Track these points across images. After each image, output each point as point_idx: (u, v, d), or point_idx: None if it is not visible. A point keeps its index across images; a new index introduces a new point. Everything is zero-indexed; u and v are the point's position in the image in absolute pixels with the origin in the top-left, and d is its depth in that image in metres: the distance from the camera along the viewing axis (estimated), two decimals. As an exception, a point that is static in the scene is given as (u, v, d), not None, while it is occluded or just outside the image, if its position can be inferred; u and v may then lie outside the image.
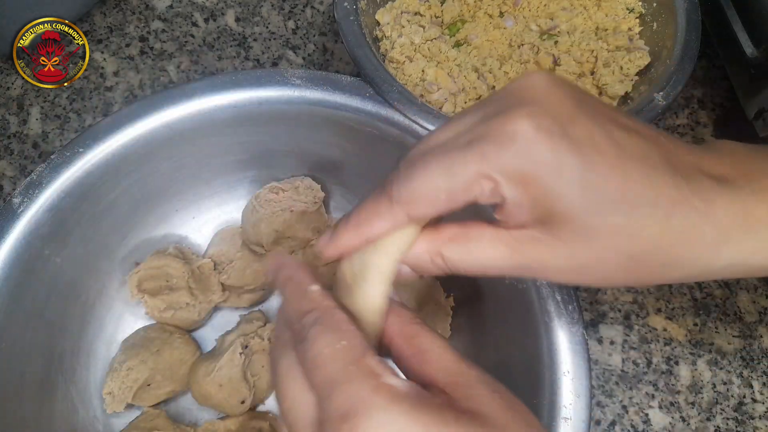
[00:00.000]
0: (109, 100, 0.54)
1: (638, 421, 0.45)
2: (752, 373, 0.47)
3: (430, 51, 0.44)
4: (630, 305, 0.49)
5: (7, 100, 0.53)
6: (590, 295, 0.49)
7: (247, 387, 0.41)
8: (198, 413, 0.44)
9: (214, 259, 0.46)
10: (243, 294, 0.46)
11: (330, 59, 0.56)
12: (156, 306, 0.43)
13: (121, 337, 0.45)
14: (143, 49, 0.56)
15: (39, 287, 0.38)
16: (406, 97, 0.38)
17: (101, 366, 0.44)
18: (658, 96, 0.41)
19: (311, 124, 0.41)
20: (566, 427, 0.33)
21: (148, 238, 0.46)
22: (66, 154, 0.38)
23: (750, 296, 0.49)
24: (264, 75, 0.40)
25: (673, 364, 0.47)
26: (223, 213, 0.49)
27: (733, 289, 0.49)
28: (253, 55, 0.56)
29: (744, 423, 0.45)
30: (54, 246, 0.38)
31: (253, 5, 0.58)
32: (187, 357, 0.43)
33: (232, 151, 0.44)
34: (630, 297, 0.49)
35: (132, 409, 0.42)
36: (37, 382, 0.39)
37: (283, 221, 0.43)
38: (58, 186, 0.38)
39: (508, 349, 0.39)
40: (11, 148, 0.52)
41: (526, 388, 0.35)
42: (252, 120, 0.41)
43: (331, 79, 0.40)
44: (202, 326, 0.47)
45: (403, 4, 0.46)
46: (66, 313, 0.41)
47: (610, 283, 0.24)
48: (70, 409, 0.41)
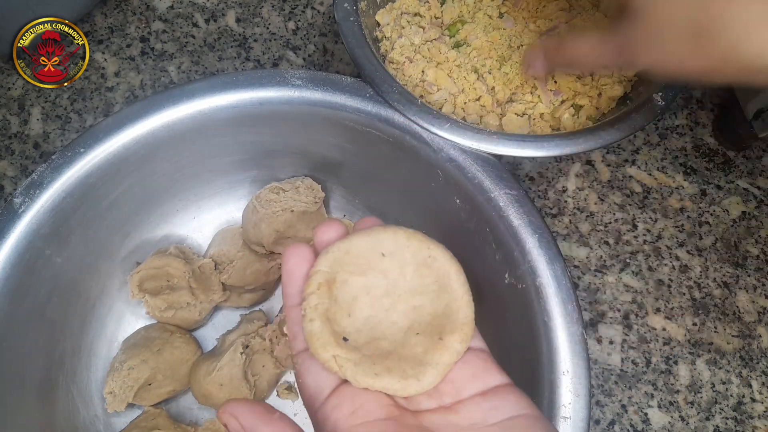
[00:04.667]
0: (110, 101, 0.54)
1: (637, 421, 0.46)
2: (751, 373, 0.47)
3: (429, 52, 0.44)
4: (629, 305, 0.49)
5: (8, 100, 0.53)
6: (589, 294, 0.49)
7: (248, 386, 0.41)
8: (199, 412, 0.45)
9: (215, 258, 0.46)
10: (244, 294, 0.46)
11: (330, 60, 0.56)
12: (157, 306, 0.43)
13: (122, 336, 0.45)
14: (144, 49, 0.56)
15: (40, 287, 0.38)
16: (407, 98, 0.38)
17: (102, 365, 0.44)
18: (657, 96, 0.41)
19: (312, 124, 0.41)
20: (565, 426, 0.33)
21: (149, 238, 0.46)
22: (67, 154, 0.38)
23: (749, 296, 0.49)
24: (265, 75, 0.40)
25: (672, 363, 0.47)
26: (224, 213, 0.49)
27: (732, 288, 0.50)
28: (254, 56, 0.56)
29: (743, 422, 0.46)
30: (55, 246, 0.38)
31: (253, 6, 0.58)
32: (187, 356, 0.43)
33: (233, 152, 0.45)
34: (629, 297, 0.49)
35: (133, 408, 0.43)
36: (38, 382, 0.39)
37: (284, 221, 0.43)
38: (60, 186, 0.38)
39: (508, 349, 0.39)
40: (12, 149, 0.52)
41: (526, 388, 0.35)
42: (253, 120, 0.41)
43: (331, 80, 0.40)
44: (203, 326, 0.47)
45: (403, 5, 0.46)
46: (67, 313, 0.41)
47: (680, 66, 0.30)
48: (71, 408, 0.41)
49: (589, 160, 0.54)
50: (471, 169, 0.38)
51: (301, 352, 0.25)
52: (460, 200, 0.39)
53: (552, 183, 0.53)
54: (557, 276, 0.35)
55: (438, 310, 0.25)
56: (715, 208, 0.52)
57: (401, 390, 0.23)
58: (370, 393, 0.23)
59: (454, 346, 0.24)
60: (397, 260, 0.26)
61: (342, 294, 0.25)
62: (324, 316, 0.24)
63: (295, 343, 0.26)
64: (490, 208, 0.37)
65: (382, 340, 0.24)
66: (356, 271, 0.25)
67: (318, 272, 0.25)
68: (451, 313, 0.25)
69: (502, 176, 0.37)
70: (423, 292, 0.25)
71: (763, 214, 0.52)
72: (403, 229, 0.26)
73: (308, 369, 0.25)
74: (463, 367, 0.24)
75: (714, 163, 0.54)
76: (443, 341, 0.24)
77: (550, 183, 0.53)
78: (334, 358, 0.23)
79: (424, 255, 0.26)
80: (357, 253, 0.25)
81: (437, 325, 0.25)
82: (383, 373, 0.23)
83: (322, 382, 0.24)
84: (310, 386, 0.24)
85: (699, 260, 0.50)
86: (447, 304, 0.25)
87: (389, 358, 0.24)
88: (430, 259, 0.26)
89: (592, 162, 0.54)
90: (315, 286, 0.24)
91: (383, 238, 0.26)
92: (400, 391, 0.23)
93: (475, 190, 0.38)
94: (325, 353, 0.23)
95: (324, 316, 0.24)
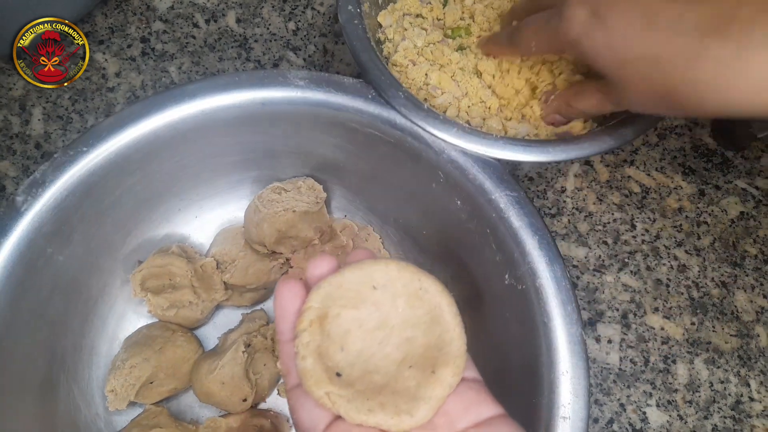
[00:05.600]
0: (111, 101, 0.54)
1: (636, 420, 0.46)
2: (749, 372, 0.47)
3: (433, 54, 0.44)
4: (627, 304, 0.49)
5: (9, 100, 0.53)
6: (588, 294, 0.49)
7: (249, 385, 0.42)
8: (200, 411, 0.45)
9: (217, 258, 0.46)
10: (245, 293, 0.46)
11: (330, 60, 0.57)
12: (159, 304, 0.43)
13: (124, 335, 0.45)
14: (144, 50, 0.56)
15: (42, 285, 0.39)
16: (413, 102, 0.38)
17: (103, 364, 0.44)
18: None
19: (313, 124, 0.41)
20: (565, 426, 0.33)
21: (150, 236, 0.46)
22: (69, 152, 0.38)
23: (747, 295, 0.50)
24: (267, 76, 0.40)
25: (671, 362, 0.48)
26: (226, 213, 0.49)
27: (730, 288, 0.50)
28: (254, 57, 0.56)
29: (741, 421, 0.46)
30: (57, 244, 0.39)
31: (253, 6, 0.58)
32: (189, 355, 0.43)
33: (235, 152, 0.45)
34: (627, 296, 0.49)
35: (134, 406, 0.43)
36: (40, 380, 0.39)
37: (286, 221, 0.43)
38: (62, 185, 0.38)
39: (508, 349, 0.40)
40: (14, 149, 0.52)
41: (525, 388, 0.36)
42: (254, 121, 0.41)
43: (333, 81, 0.40)
44: (205, 324, 0.47)
45: (405, 6, 0.46)
46: (69, 311, 0.42)
47: (654, 111, 0.33)
48: (73, 406, 0.41)
49: (587, 160, 0.54)
50: (472, 170, 0.38)
51: (294, 387, 0.26)
52: (460, 201, 0.39)
53: (551, 183, 0.53)
54: (557, 277, 0.36)
55: (431, 341, 0.25)
56: (713, 208, 0.53)
57: (394, 426, 0.23)
58: (364, 429, 0.23)
59: (446, 380, 0.24)
60: (389, 293, 0.26)
61: (334, 328, 0.25)
62: (316, 353, 0.24)
63: (288, 379, 0.26)
64: (491, 209, 0.38)
65: (375, 373, 0.25)
66: (348, 305, 0.25)
67: (310, 308, 0.25)
68: (443, 344, 0.25)
69: (503, 178, 0.38)
70: (415, 324, 0.26)
71: (761, 214, 0.53)
72: (394, 262, 0.26)
73: (302, 405, 0.25)
74: (456, 399, 0.25)
75: (712, 163, 0.54)
76: (436, 374, 0.24)
77: (549, 183, 0.53)
78: (327, 395, 0.24)
79: (415, 287, 0.26)
80: (349, 287, 0.26)
81: (430, 357, 0.25)
82: (376, 409, 0.23)
83: (316, 418, 0.24)
84: (304, 422, 0.25)
85: (697, 260, 0.51)
86: (439, 336, 0.25)
87: (382, 392, 0.24)
88: (422, 291, 0.26)
89: (590, 162, 0.54)
90: (307, 323, 0.25)
91: (374, 271, 0.26)
92: (394, 427, 0.23)
93: (475, 192, 0.38)
94: (318, 390, 0.24)
95: (316, 353, 0.24)
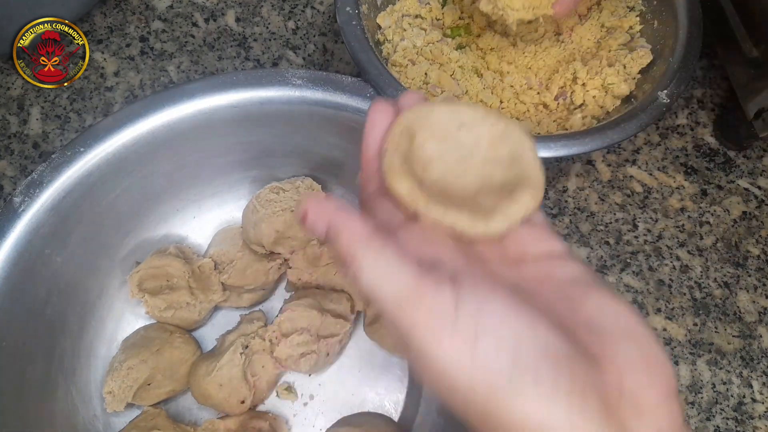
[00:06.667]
0: (110, 100, 0.54)
1: (638, 421, 0.45)
2: (752, 373, 0.47)
3: (432, 53, 0.44)
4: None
5: (8, 100, 0.53)
6: (590, 295, 0.49)
7: (247, 387, 0.41)
8: (198, 413, 0.44)
9: (215, 258, 0.46)
10: (243, 294, 0.46)
11: (330, 59, 0.56)
12: (156, 305, 0.43)
13: (122, 336, 0.45)
14: (143, 49, 0.56)
15: (40, 286, 0.38)
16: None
17: (101, 365, 0.44)
18: (662, 94, 0.41)
19: (312, 124, 0.41)
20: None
21: (148, 237, 0.46)
22: (67, 153, 0.38)
23: (750, 296, 0.49)
24: (265, 75, 0.40)
25: (673, 363, 0.47)
26: (224, 213, 0.49)
27: (732, 288, 0.49)
28: (254, 56, 0.56)
29: (744, 423, 0.45)
30: (55, 245, 0.38)
31: (253, 5, 0.58)
32: (187, 356, 0.43)
33: (233, 151, 0.44)
34: (630, 297, 0.49)
35: (132, 408, 0.42)
36: (38, 381, 0.39)
37: (284, 221, 0.43)
38: (59, 185, 0.38)
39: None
40: (11, 148, 0.52)
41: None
42: (253, 120, 0.41)
43: (332, 80, 0.40)
44: (203, 326, 0.47)
45: (404, 7, 0.46)
46: (66, 313, 0.41)
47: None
48: (71, 408, 0.41)
49: (589, 159, 0.54)
50: (472, 168, 0.38)
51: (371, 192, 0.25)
52: (460, 200, 0.39)
53: (552, 183, 0.53)
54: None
55: (509, 178, 0.26)
56: (715, 208, 0.52)
57: (469, 227, 0.23)
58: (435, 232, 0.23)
59: (523, 199, 0.24)
60: (474, 132, 0.26)
61: (419, 152, 0.26)
62: (404, 156, 0.25)
63: (367, 186, 0.26)
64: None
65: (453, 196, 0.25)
66: (434, 136, 0.26)
67: (401, 124, 0.26)
68: (521, 180, 0.25)
69: (503, 176, 0.37)
70: (496, 162, 0.26)
71: (763, 214, 0.52)
72: (482, 107, 0.27)
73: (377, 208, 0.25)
74: (529, 231, 0.24)
75: (714, 163, 0.54)
76: (513, 196, 0.24)
77: (551, 183, 0.53)
78: (408, 189, 0.24)
79: (500, 129, 0.26)
80: (437, 119, 0.26)
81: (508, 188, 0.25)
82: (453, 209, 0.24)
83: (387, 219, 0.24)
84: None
85: (699, 260, 0.50)
86: (517, 174, 0.26)
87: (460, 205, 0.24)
88: (506, 133, 0.26)
89: (592, 162, 0.54)
90: (399, 130, 0.25)
91: (463, 111, 0.26)
92: (468, 228, 0.23)
93: (476, 190, 0.38)
94: (400, 183, 0.24)
95: (404, 156, 0.25)
